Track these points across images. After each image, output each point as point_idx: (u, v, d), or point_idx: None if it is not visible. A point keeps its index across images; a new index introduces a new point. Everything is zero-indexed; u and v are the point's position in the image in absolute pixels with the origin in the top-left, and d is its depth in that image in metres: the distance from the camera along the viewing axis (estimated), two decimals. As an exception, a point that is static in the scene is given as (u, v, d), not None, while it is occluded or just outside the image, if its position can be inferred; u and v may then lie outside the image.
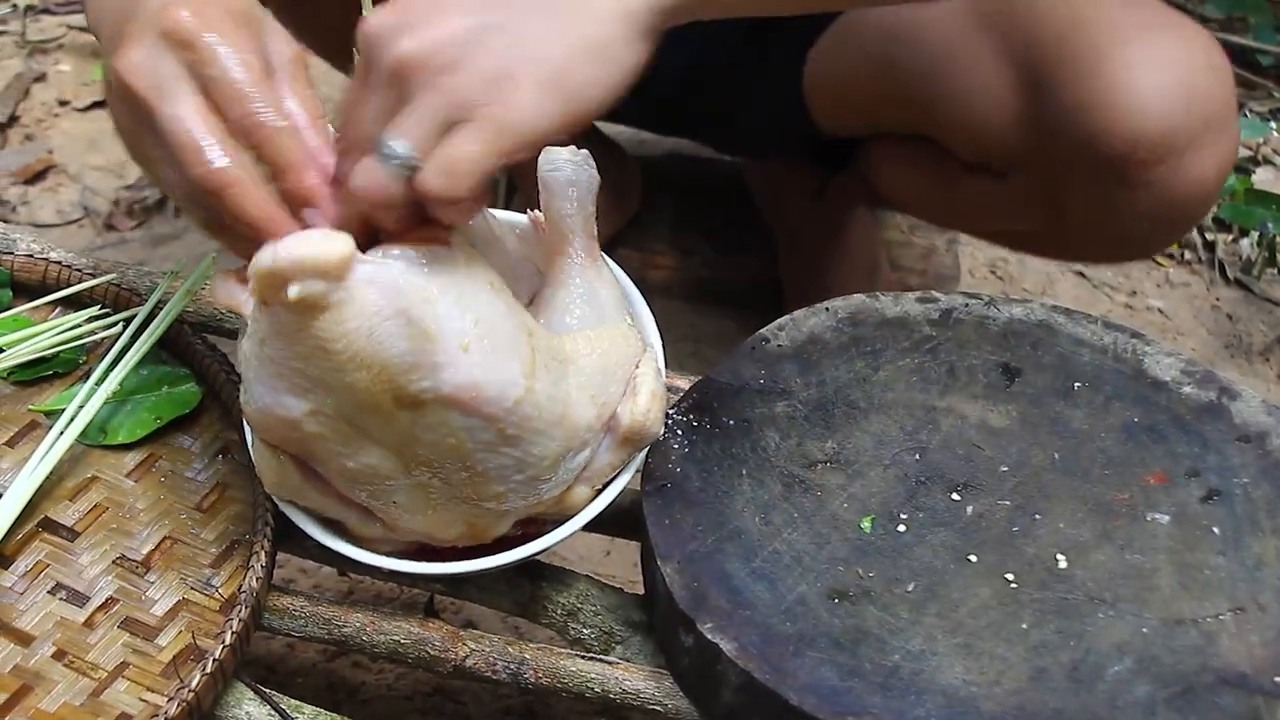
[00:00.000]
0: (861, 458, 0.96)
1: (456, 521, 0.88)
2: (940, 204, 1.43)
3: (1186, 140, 1.09)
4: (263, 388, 0.82)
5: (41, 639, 0.90)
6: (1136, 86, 1.08)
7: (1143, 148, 1.09)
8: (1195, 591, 0.88)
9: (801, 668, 0.83)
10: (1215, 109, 1.10)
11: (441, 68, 0.75)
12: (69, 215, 1.92)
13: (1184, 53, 1.10)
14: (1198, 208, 1.16)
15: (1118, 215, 1.13)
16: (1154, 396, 1.00)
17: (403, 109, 0.76)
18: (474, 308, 0.80)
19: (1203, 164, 1.11)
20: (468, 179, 0.76)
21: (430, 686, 1.34)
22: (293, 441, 0.85)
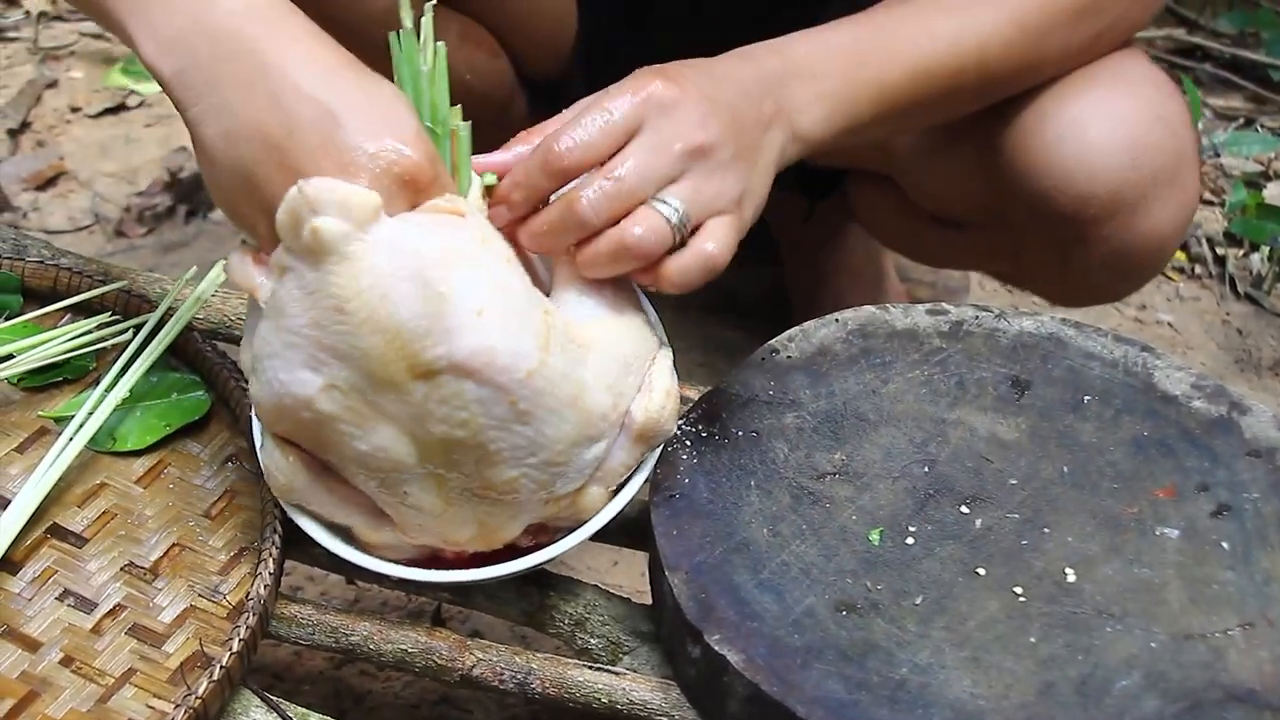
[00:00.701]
0: (870, 470, 0.96)
1: (468, 521, 0.87)
2: (911, 243, 1.44)
3: (1136, 195, 1.09)
4: (279, 363, 0.82)
5: (49, 645, 0.90)
6: (1082, 145, 1.08)
7: (1092, 205, 1.09)
8: (1204, 606, 0.87)
9: (809, 680, 0.82)
10: (1165, 161, 1.09)
11: (716, 166, 0.89)
12: (80, 222, 1.92)
13: (1129, 107, 1.09)
14: (1155, 259, 1.16)
15: (1075, 268, 1.13)
16: (1164, 411, 1.00)
17: (682, 180, 0.88)
18: (489, 277, 0.82)
19: (1155, 217, 1.10)
20: (726, 257, 0.89)
21: (437, 695, 1.34)
22: (305, 429, 0.84)
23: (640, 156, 0.86)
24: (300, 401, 0.83)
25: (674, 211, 0.87)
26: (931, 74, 1.00)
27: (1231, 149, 2.16)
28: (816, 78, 0.96)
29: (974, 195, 1.20)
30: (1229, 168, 2.17)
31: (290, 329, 0.82)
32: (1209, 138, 2.19)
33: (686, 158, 0.87)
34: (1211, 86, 2.35)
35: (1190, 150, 1.12)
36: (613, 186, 0.86)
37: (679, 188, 0.87)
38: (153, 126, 2.09)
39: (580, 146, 0.86)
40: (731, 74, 0.93)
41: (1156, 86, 1.11)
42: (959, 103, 1.06)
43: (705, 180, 0.88)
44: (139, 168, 2.00)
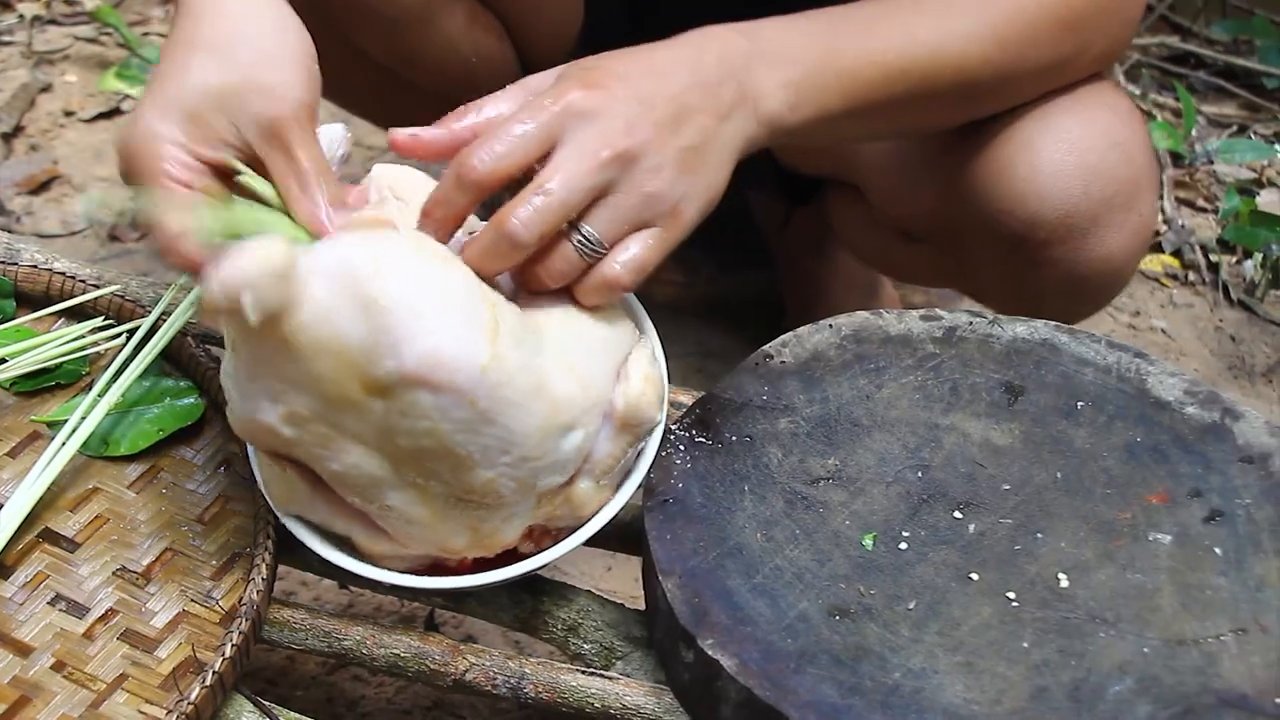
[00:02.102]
0: (864, 475, 0.96)
1: (459, 529, 0.87)
2: (879, 256, 1.44)
3: (1087, 221, 1.09)
4: (239, 394, 0.83)
5: (41, 650, 0.90)
6: (1032, 168, 1.08)
7: (1042, 228, 1.09)
8: (1197, 612, 0.87)
9: (802, 685, 0.82)
10: (1118, 188, 1.09)
11: (645, 173, 0.86)
12: (73, 226, 1.92)
13: (1084, 132, 1.08)
14: (1108, 284, 1.16)
15: (1028, 289, 1.12)
16: (1157, 416, 1.00)
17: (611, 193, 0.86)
18: (427, 281, 0.81)
19: (1106, 243, 1.10)
20: (644, 274, 0.88)
21: (430, 700, 1.34)
22: (281, 449, 0.85)
23: (566, 168, 0.84)
24: (264, 428, 0.83)
25: (585, 242, 0.86)
26: (907, 74, 0.99)
27: (1225, 156, 2.16)
28: (785, 63, 0.94)
29: (933, 210, 1.21)
30: (1222, 175, 2.17)
31: (245, 362, 0.82)
32: (1202, 145, 2.20)
33: (613, 165, 0.85)
34: (1205, 94, 2.36)
35: (1146, 178, 1.12)
36: (542, 203, 0.84)
37: (602, 209, 0.86)
38: (147, 131, 2.08)
39: (494, 159, 0.84)
40: (683, 61, 0.91)
41: (1115, 113, 1.10)
42: (934, 110, 1.05)
43: (632, 190, 0.86)
44: (133, 173, 2.00)
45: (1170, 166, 2.16)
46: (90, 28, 2.29)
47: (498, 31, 1.33)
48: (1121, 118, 1.11)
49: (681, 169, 0.88)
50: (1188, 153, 2.18)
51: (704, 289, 1.80)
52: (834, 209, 1.49)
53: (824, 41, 0.96)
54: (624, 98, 0.87)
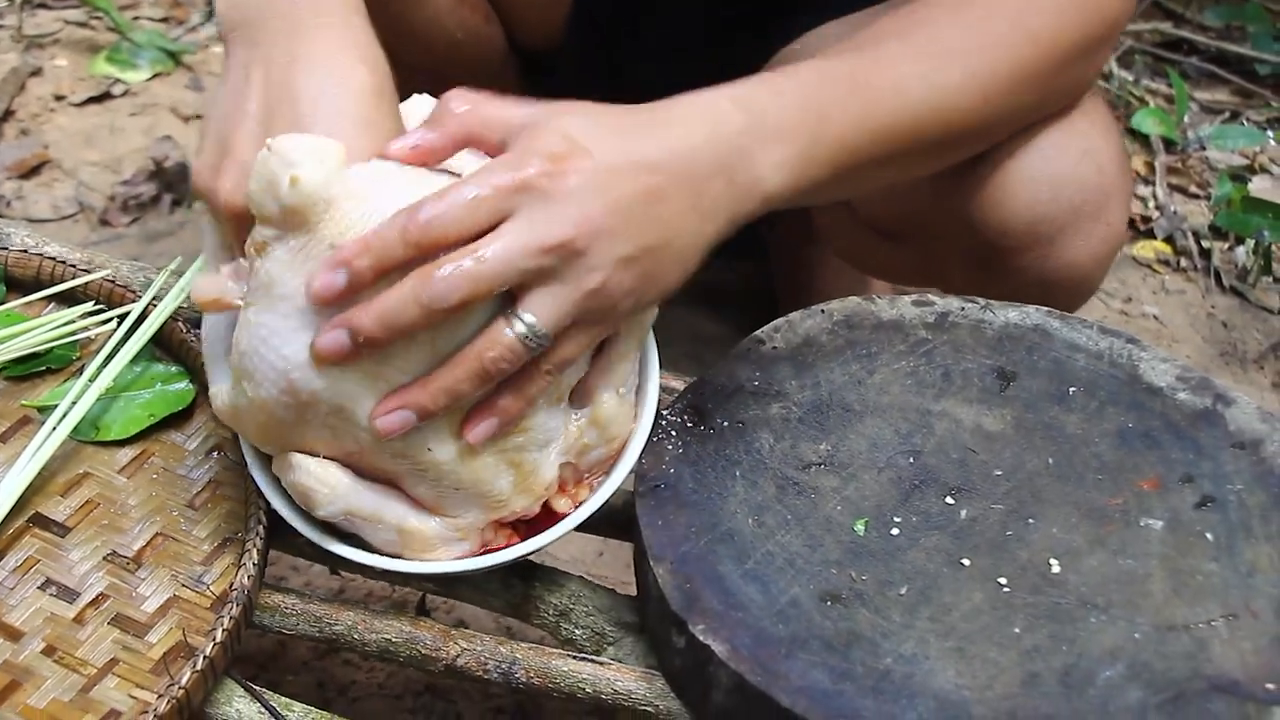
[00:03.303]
0: (856, 460, 0.96)
1: (501, 467, 0.87)
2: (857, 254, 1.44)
3: (1055, 228, 1.08)
4: (278, 339, 0.82)
5: (31, 635, 0.90)
6: (1004, 176, 1.07)
7: (1009, 235, 1.08)
8: (1188, 597, 0.87)
9: (793, 670, 0.82)
10: (1086, 198, 1.08)
11: (588, 270, 0.81)
12: (64, 211, 1.91)
13: (1055, 139, 1.07)
14: (1075, 291, 1.15)
15: (995, 294, 1.11)
16: (1149, 402, 1.00)
17: (544, 287, 0.81)
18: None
19: (1074, 251, 1.10)
20: (573, 361, 0.85)
21: (421, 685, 1.34)
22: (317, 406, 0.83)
23: (507, 241, 0.79)
24: (307, 370, 0.82)
25: (529, 333, 0.81)
26: (894, 134, 0.94)
27: (1217, 142, 2.16)
28: (781, 141, 0.88)
29: (908, 211, 1.20)
30: (1214, 161, 2.17)
31: (284, 295, 0.82)
32: (1195, 131, 2.20)
33: (555, 254, 0.80)
34: (1197, 80, 2.36)
35: (1117, 188, 1.11)
36: (473, 267, 0.79)
37: (541, 296, 0.81)
38: (137, 115, 2.08)
39: (445, 220, 0.79)
40: (667, 144, 0.84)
41: (1090, 121, 1.10)
42: (913, 164, 1.02)
43: (572, 283, 0.81)
44: (123, 156, 2.00)
45: (1163, 153, 2.16)
46: (80, 12, 2.28)
47: (485, 11, 1.33)
48: (1096, 126, 1.10)
49: (629, 267, 0.82)
50: (1180, 139, 2.18)
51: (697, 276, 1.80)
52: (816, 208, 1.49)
53: (816, 110, 0.90)
54: (586, 182, 0.81)
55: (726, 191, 0.86)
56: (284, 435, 0.86)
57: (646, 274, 0.84)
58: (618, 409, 0.91)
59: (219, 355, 0.91)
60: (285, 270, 0.82)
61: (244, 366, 0.85)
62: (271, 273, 0.83)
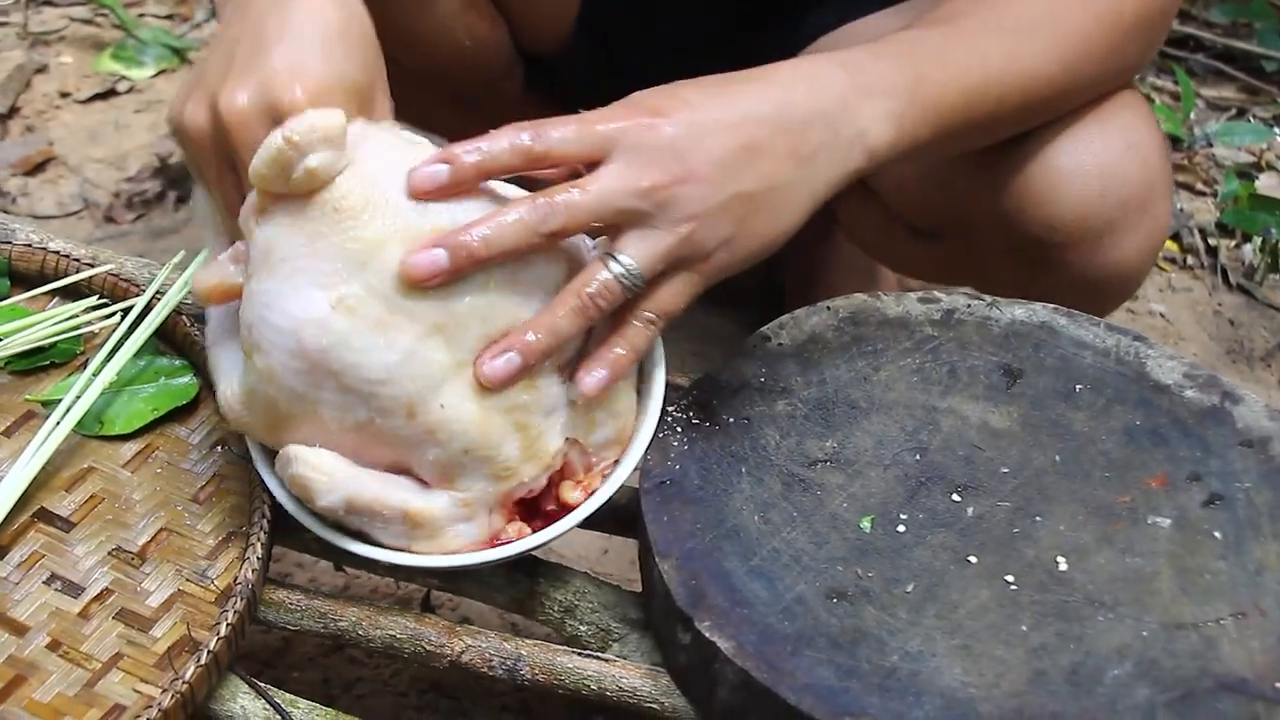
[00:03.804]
0: (862, 457, 0.95)
1: (507, 429, 0.87)
2: (887, 251, 1.43)
3: (1103, 224, 1.08)
4: (283, 300, 0.84)
5: (36, 629, 0.89)
6: (1052, 171, 1.07)
7: (1057, 232, 1.08)
8: (1196, 596, 0.87)
9: (799, 667, 0.82)
10: (1133, 192, 1.08)
11: (684, 214, 0.84)
12: (69, 207, 1.91)
13: (1101, 134, 1.08)
14: (1122, 288, 1.15)
15: (1041, 291, 1.11)
16: (1156, 400, 1.00)
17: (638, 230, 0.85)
18: None
19: (1121, 248, 1.10)
20: (670, 320, 0.88)
21: (426, 682, 1.34)
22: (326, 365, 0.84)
23: (604, 181, 0.84)
24: (316, 325, 0.83)
25: (625, 273, 0.85)
26: (983, 98, 0.97)
27: (1224, 139, 2.16)
28: (884, 95, 0.91)
29: (949, 209, 1.20)
30: (1221, 158, 2.17)
31: (284, 258, 0.84)
32: (1201, 128, 2.19)
33: (650, 197, 0.83)
34: (1204, 77, 2.35)
35: (1162, 181, 1.11)
36: (570, 200, 0.83)
37: (634, 238, 0.85)
38: (142, 112, 2.08)
39: (550, 140, 0.84)
40: (768, 96, 0.88)
41: (1134, 115, 1.10)
42: (997, 130, 1.04)
43: (667, 227, 0.84)
44: (128, 153, 2.00)
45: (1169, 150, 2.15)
46: (86, 9, 2.28)
47: (492, 17, 1.33)
48: (1139, 119, 1.10)
49: (723, 216, 0.85)
50: (1186, 136, 2.18)
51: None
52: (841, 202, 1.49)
53: (912, 70, 0.94)
54: (683, 131, 0.84)
55: (830, 143, 0.88)
56: (292, 415, 0.86)
57: (742, 224, 0.86)
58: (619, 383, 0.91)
59: (223, 353, 0.91)
60: (283, 232, 0.84)
61: (252, 340, 0.85)
62: (270, 237, 0.84)
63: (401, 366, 0.83)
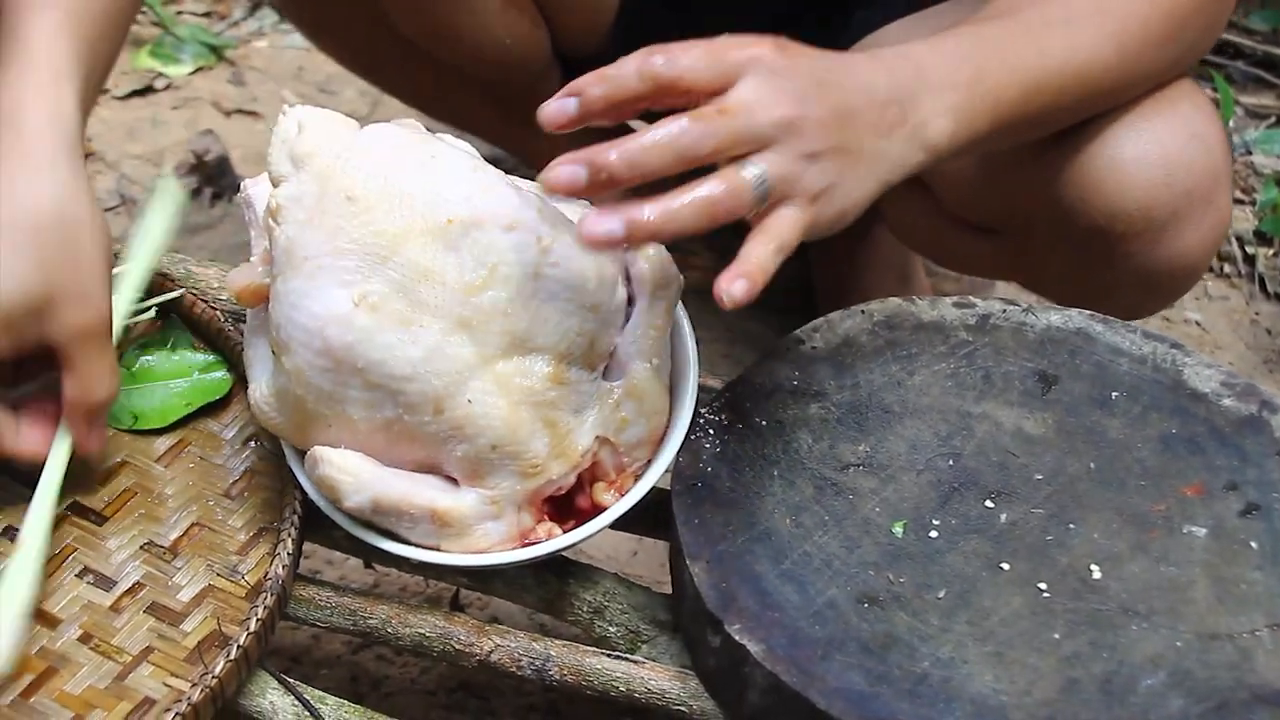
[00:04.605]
0: (895, 462, 0.95)
1: (536, 427, 0.87)
2: (938, 248, 1.43)
3: (1167, 214, 1.07)
4: (307, 300, 0.84)
5: (68, 622, 0.90)
6: (1115, 160, 1.06)
7: (1121, 221, 1.07)
8: (1231, 606, 0.86)
9: (829, 672, 0.82)
10: (1197, 182, 1.07)
11: (805, 149, 0.83)
12: (105, 203, 1.92)
13: (1165, 123, 1.07)
14: (1182, 280, 1.14)
15: (1100, 284, 1.10)
16: (1193, 408, 0.99)
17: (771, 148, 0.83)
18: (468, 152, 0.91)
19: (1184, 238, 1.09)
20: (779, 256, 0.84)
21: (454, 681, 1.34)
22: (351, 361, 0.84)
23: (748, 103, 0.82)
24: (340, 323, 0.83)
25: (758, 180, 0.82)
26: (1041, 91, 0.97)
27: (1263, 147, 2.14)
28: (945, 89, 0.92)
29: (1006, 202, 1.19)
30: (1260, 166, 2.15)
31: (307, 256, 0.84)
32: (1240, 135, 2.17)
33: (782, 126, 0.82)
34: (1243, 84, 2.33)
35: (1224, 172, 1.10)
36: (725, 121, 0.81)
37: (766, 156, 0.83)
38: (180, 109, 2.09)
39: (680, 64, 0.82)
40: (857, 69, 0.89)
41: (1194, 105, 1.09)
42: (1056, 121, 1.04)
43: (791, 158, 0.83)
44: (165, 150, 2.01)
45: (1226, 156, 2.13)
46: None
47: (532, 15, 1.33)
48: (1200, 110, 1.09)
49: (840, 164, 0.86)
50: (1225, 144, 2.16)
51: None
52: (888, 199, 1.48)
53: (971, 64, 0.94)
54: (806, 72, 0.85)
55: (898, 121, 0.89)
56: (320, 415, 0.86)
57: (840, 176, 0.86)
58: (652, 380, 0.91)
59: (254, 354, 0.92)
60: (304, 231, 0.84)
61: (280, 340, 0.85)
62: (292, 237, 0.85)
63: (426, 362, 0.84)
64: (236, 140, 2.00)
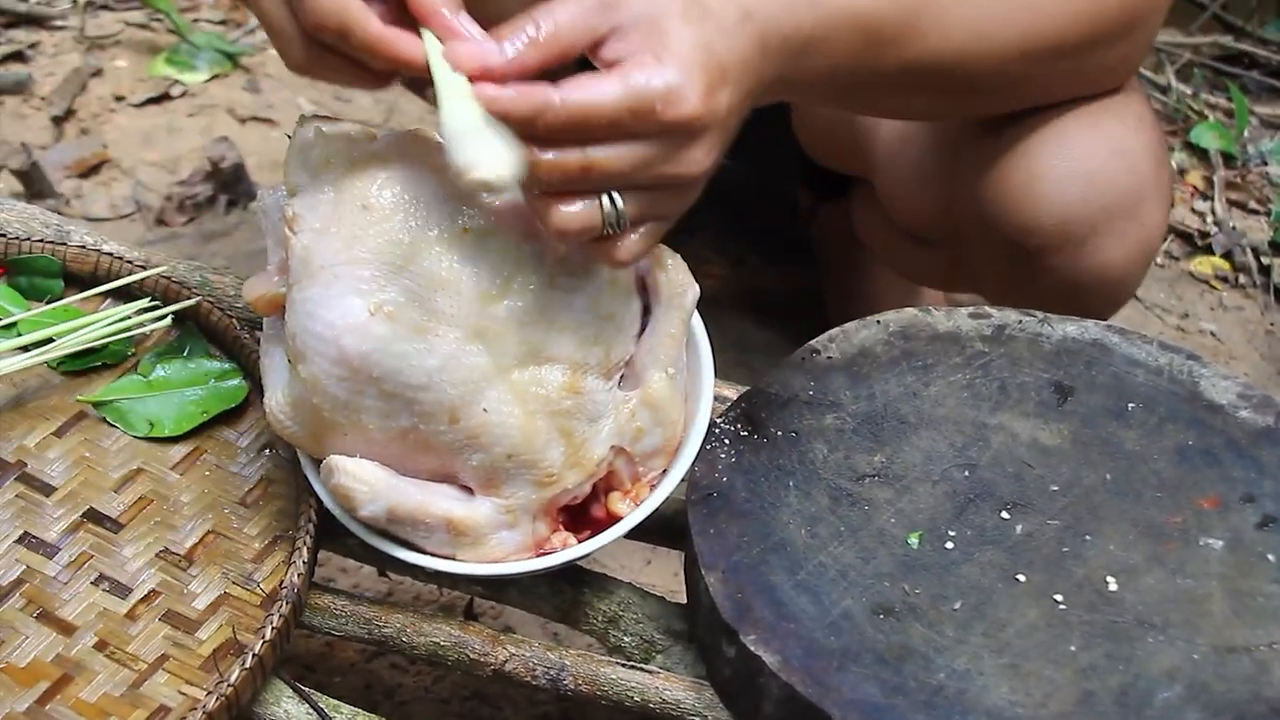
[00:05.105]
0: (910, 473, 0.95)
1: (552, 436, 0.87)
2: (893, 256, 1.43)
3: (1085, 229, 1.07)
4: (323, 308, 0.84)
5: (84, 629, 0.90)
6: (1032, 174, 1.06)
7: (1038, 235, 1.07)
8: (1248, 619, 0.86)
9: (845, 683, 0.81)
10: (1118, 198, 1.07)
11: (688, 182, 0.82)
12: (121, 210, 1.93)
13: (1085, 139, 1.07)
14: (1108, 295, 1.14)
15: (1027, 298, 1.10)
16: (1209, 419, 0.98)
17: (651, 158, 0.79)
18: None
19: (1106, 253, 1.09)
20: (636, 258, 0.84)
21: (468, 690, 1.34)
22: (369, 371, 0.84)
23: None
24: (356, 332, 0.83)
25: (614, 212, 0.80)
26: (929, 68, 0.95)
27: (1278, 157, 2.13)
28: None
29: (937, 213, 1.20)
30: (1275, 176, 2.14)
31: (323, 264, 0.84)
32: (1255, 146, 2.17)
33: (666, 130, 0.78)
34: (1258, 94, 2.33)
35: (1152, 188, 1.10)
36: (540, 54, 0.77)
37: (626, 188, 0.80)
38: (195, 116, 2.10)
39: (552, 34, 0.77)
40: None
41: (1121, 121, 1.09)
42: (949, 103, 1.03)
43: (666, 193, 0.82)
44: (181, 157, 2.01)
45: (1222, 168, 2.13)
46: (141, 13, 2.30)
47: None
48: (1127, 126, 1.09)
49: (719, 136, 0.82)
50: (1240, 154, 2.15)
51: (748, 281, 1.80)
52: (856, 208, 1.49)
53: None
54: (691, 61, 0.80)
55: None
56: (336, 424, 0.86)
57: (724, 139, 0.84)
58: (668, 390, 0.91)
59: (271, 363, 0.92)
60: (320, 240, 0.85)
61: (296, 349, 0.85)
62: (307, 245, 0.85)
63: (442, 371, 0.84)
64: (252, 147, 2.00)
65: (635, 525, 0.91)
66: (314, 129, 0.88)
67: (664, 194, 0.82)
